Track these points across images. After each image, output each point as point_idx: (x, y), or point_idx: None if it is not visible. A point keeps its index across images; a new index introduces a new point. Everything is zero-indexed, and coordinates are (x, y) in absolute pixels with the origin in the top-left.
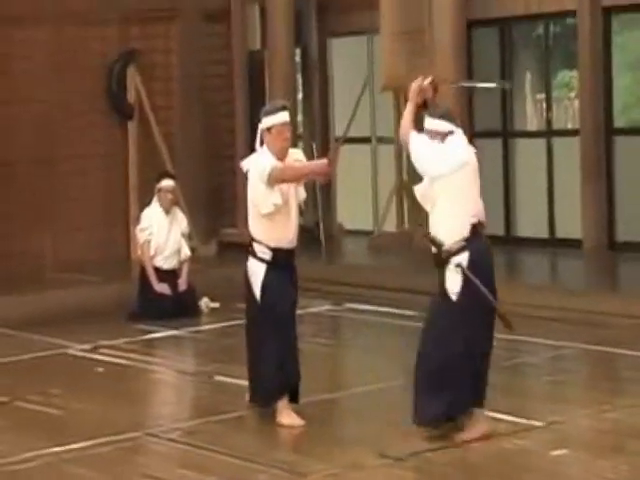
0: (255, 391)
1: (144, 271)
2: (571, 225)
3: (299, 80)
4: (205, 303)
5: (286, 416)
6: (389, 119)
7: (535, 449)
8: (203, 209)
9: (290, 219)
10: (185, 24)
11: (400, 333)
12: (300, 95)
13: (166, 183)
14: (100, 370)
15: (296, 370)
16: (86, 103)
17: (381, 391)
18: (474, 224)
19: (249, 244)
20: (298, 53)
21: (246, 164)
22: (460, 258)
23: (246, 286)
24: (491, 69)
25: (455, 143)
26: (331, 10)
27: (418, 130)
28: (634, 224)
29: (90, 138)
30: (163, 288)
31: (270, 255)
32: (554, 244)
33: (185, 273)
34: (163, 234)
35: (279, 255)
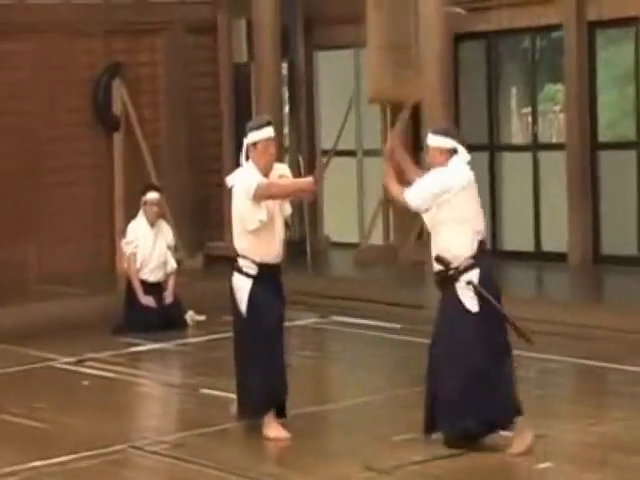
0: (243, 405)
1: (130, 284)
2: (557, 238)
3: (285, 93)
4: (191, 316)
5: (272, 429)
6: (375, 132)
7: (521, 462)
8: (189, 222)
9: (275, 234)
10: (171, 37)
11: (386, 346)
12: (286, 108)
13: (152, 196)
14: (85, 383)
15: (283, 384)
16: (72, 115)
17: (367, 404)
18: (480, 241)
19: (234, 259)
20: (285, 66)
21: (231, 179)
22: (470, 275)
23: (232, 301)
24: (477, 82)
25: (456, 166)
26: (318, 24)
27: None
28: (619, 238)
29: (76, 150)
30: (149, 301)
31: (256, 270)
32: (540, 257)
33: (171, 286)
34: (149, 247)
35: (265, 270)
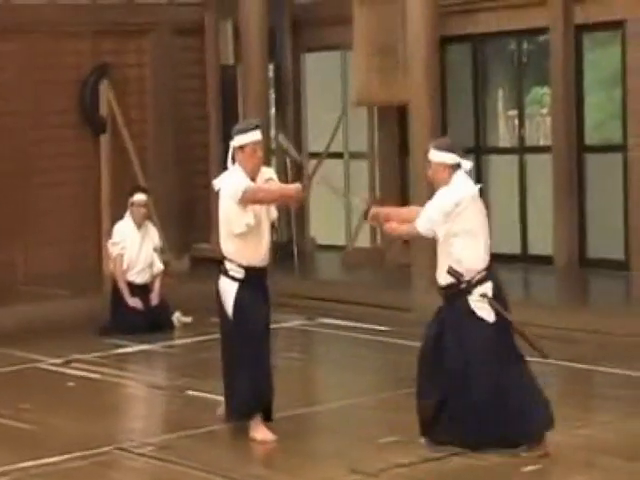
0: (229, 407)
1: (116, 285)
2: (543, 241)
3: (272, 95)
4: (177, 318)
5: (259, 431)
6: (362, 134)
7: (508, 465)
8: (176, 223)
9: (262, 238)
10: (158, 38)
11: (373, 348)
12: (273, 110)
13: (139, 197)
14: (71, 384)
15: (270, 387)
16: (59, 116)
17: (353, 406)
18: (490, 253)
19: (221, 262)
20: (271, 68)
21: (217, 183)
22: (484, 288)
23: (218, 304)
24: (464, 85)
25: (460, 180)
26: (305, 25)
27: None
28: (605, 241)
29: (63, 151)
30: (136, 302)
31: (242, 273)
32: (526, 260)
33: (157, 287)
34: (135, 248)
35: (251, 273)
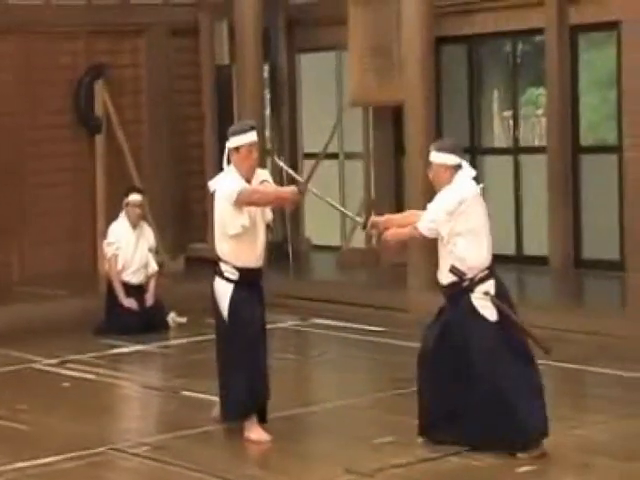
0: (225, 408)
1: (111, 285)
2: (538, 242)
3: (267, 96)
4: (172, 318)
5: (254, 431)
6: (357, 135)
7: (503, 465)
8: (171, 224)
9: (257, 239)
10: (153, 39)
11: (368, 348)
12: (268, 110)
13: (134, 197)
14: (66, 385)
15: (265, 388)
16: (54, 116)
17: (348, 406)
18: (491, 252)
19: (215, 263)
20: (266, 69)
21: (213, 184)
22: (486, 286)
23: (213, 306)
24: (459, 86)
25: (462, 180)
26: (300, 26)
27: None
28: (600, 241)
29: (58, 152)
30: (131, 303)
31: (237, 275)
32: (521, 261)
33: (152, 288)
34: (130, 249)
35: (246, 274)
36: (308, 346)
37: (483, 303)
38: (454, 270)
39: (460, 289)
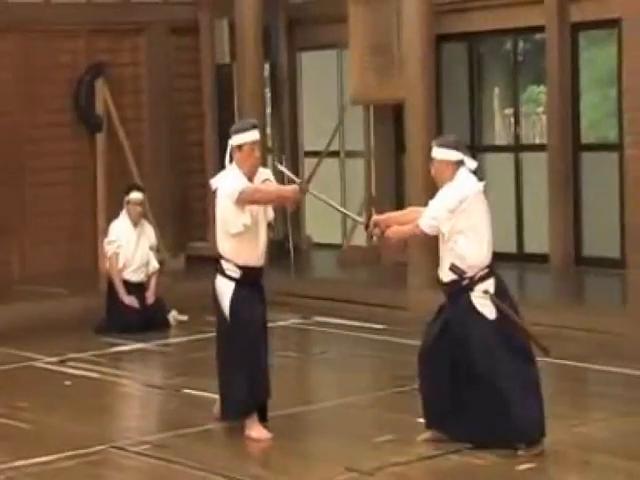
0: (225, 406)
1: (112, 284)
2: (538, 240)
3: (268, 94)
4: (173, 316)
5: (255, 429)
6: (358, 133)
7: (504, 463)
8: (172, 222)
9: (259, 238)
10: (153, 37)
11: (369, 347)
12: (269, 109)
13: (135, 196)
14: (68, 383)
15: (266, 387)
16: (54, 115)
17: (349, 405)
18: (492, 250)
19: (217, 261)
20: (267, 67)
21: (215, 182)
22: (486, 285)
23: (215, 304)
24: (460, 84)
25: (464, 177)
26: (300, 24)
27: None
28: (601, 239)
29: (58, 150)
30: (132, 301)
31: (238, 273)
32: (521, 259)
33: (153, 286)
34: (131, 247)
35: (247, 273)
36: (309, 344)
37: (482, 301)
38: (454, 268)
39: (460, 287)
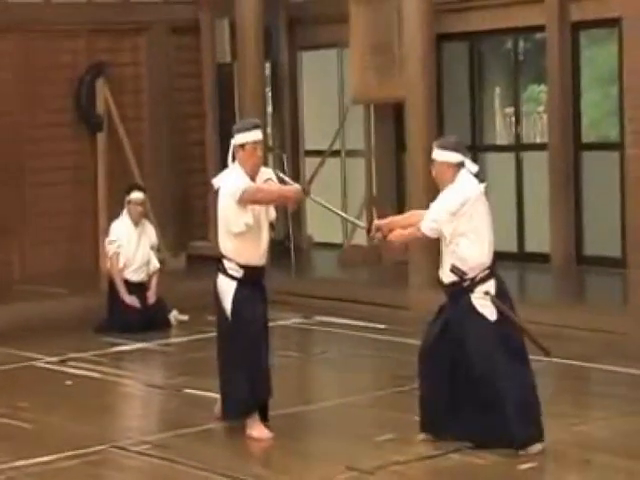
0: (226, 406)
1: (113, 283)
2: (539, 239)
3: (269, 93)
4: (174, 316)
5: (256, 429)
6: (358, 132)
7: (504, 462)
8: (172, 221)
9: (261, 237)
10: (154, 37)
11: (369, 346)
12: (270, 108)
13: (136, 195)
14: (69, 383)
15: (267, 387)
16: (55, 115)
17: (350, 404)
18: (493, 252)
19: (219, 260)
20: (268, 66)
21: (217, 181)
22: (487, 286)
23: (216, 303)
24: (460, 83)
25: (465, 179)
26: (301, 23)
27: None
28: (602, 238)
29: (59, 150)
30: (133, 301)
31: (240, 272)
32: (522, 258)
33: (154, 286)
34: (132, 246)
35: (249, 272)
36: (310, 344)
37: (483, 302)
38: (455, 270)
39: (461, 288)
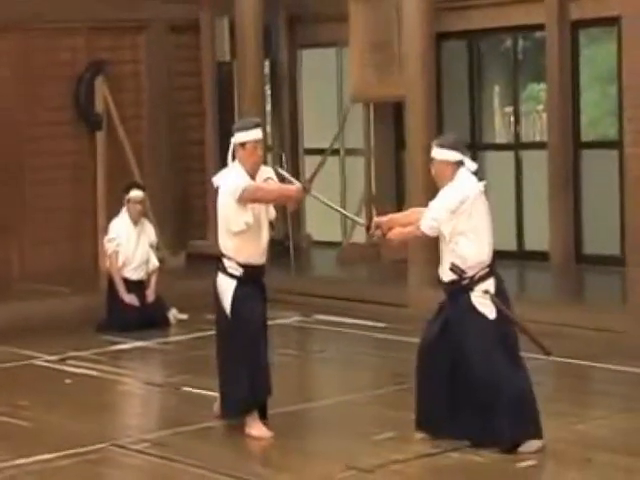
0: (225, 404)
1: (112, 282)
2: (539, 238)
3: (268, 92)
4: (173, 314)
5: (255, 427)
6: (358, 131)
7: (504, 461)
8: (172, 220)
9: (260, 236)
10: (154, 35)
11: (369, 344)
12: (269, 106)
13: (135, 194)
14: (68, 381)
15: (267, 386)
16: (54, 113)
17: (349, 402)
18: (492, 250)
19: (219, 259)
20: (267, 65)
21: (217, 180)
22: (487, 284)
23: (216, 302)
24: (460, 82)
25: (464, 177)
26: (300, 22)
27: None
28: (601, 237)
29: (58, 148)
30: (132, 299)
31: (240, 271)
32: (522, 257)
33: (153, 284)
34: (131, 245)
35: (249, 271)
36: (309, 342)
37: (482, 301)
38: (454, 268)
39: (460, 287)
